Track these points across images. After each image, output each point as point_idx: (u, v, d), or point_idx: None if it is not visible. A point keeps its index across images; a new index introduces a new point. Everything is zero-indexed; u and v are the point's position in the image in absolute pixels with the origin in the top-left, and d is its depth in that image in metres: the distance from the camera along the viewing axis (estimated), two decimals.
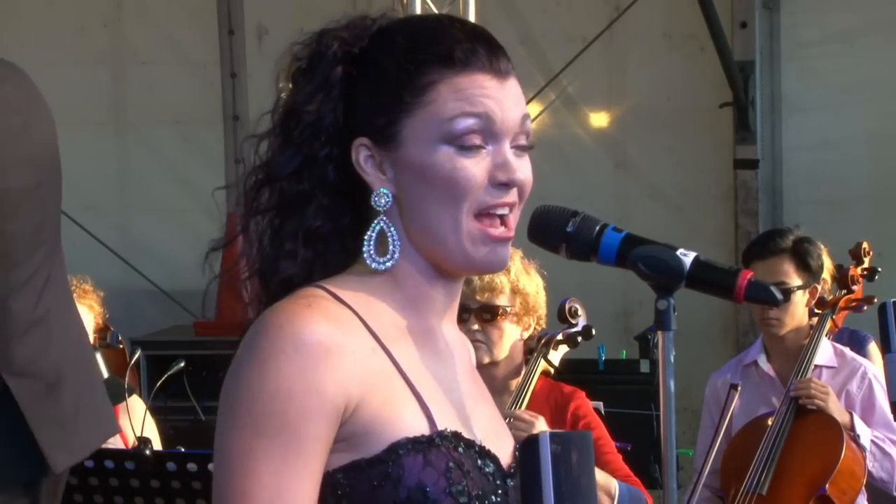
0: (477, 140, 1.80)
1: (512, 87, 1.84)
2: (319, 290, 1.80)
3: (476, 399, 1.91)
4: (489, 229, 1.81)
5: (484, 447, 1.81)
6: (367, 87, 1.83)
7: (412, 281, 1.84)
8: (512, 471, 1.85)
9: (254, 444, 1.69)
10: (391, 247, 1.82)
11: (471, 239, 1.81)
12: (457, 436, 1.78)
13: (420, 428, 1.76)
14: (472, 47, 1.82)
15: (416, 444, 1.74)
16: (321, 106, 1.83)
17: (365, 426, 1.74)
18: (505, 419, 2.13)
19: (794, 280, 4.66)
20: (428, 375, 1.82)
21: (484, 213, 1.81)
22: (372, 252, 1.81)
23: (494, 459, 1.82)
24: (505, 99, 1.82)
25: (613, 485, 3.69)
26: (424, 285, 1.85)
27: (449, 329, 1.92)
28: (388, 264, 1.82)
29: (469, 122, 1.80)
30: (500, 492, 1.80)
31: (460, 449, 1.77)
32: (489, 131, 1.81)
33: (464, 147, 1.80)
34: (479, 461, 1.79)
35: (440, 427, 1.77)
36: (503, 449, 1.88)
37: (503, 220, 1.83)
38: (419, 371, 1.81)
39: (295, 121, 1.84)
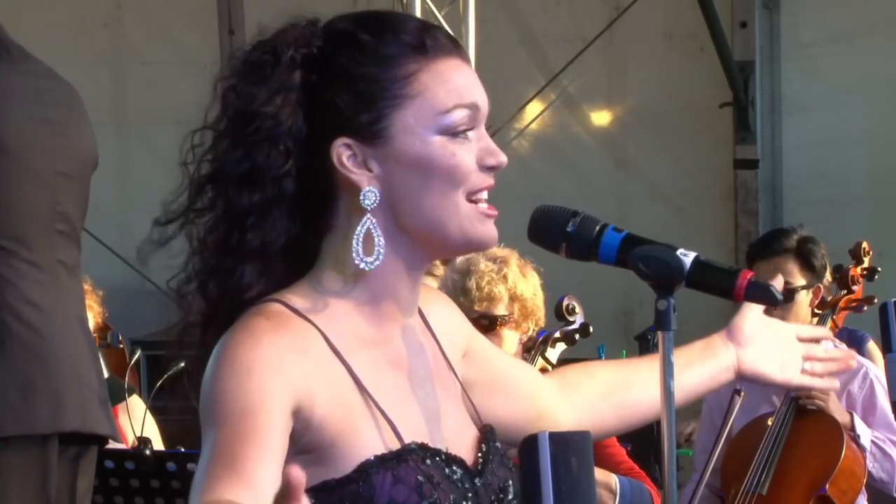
0: (465, 128, 1.82)
1: (474, 72, 1.88)
2: (276, 304, 1.78)
3: (440, 398, 1.90)
4: (483, 208, 1.83)
5: (450, 454, 1.81)
6: (340, 87, 1.81)
7: (380, 278, 1.82)
8: (479, 467, 1.86)
9: (220, 419, 1.70)
10: (376, 245, 1.80)
11: (468, 218, 1.81)
12: (423, 448, 1.78)
13: (386, 444, 1.76)
14: (434, 34, 1.84)
15: (383, 461, 1.74)
16: (280, 109, 1.80)
17: (330, 439, 1.74)
18: None
19: (798, 280, 4.66)
20: (390, 385, 1.81)
21: (474, 197, 1.83)
22: (360, 252, 1.80)
23: (461, 463, 1.82)
24: (479, 85, 1.86)
25: (613, 480, 3.68)
26: (393, 281, 1.83)
27: (413, 324, 1.91)
28: (377, 263, 1.80)
29: (464, 113, 1.81)
30: (469, 495, 1.81)
31: (428, 461, 1.77)
32: (474, 119, 1.83)
33: (456, 135, 1.81)
34: (446, 469, 1.79)
35: (406, 440, 1.76)
36: (468, 444, 1.88)
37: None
38: (380, 382, 1.80)
39: (248, 120, 1.80)
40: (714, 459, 4.22)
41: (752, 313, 2.20)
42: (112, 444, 4.04)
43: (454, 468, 1.80)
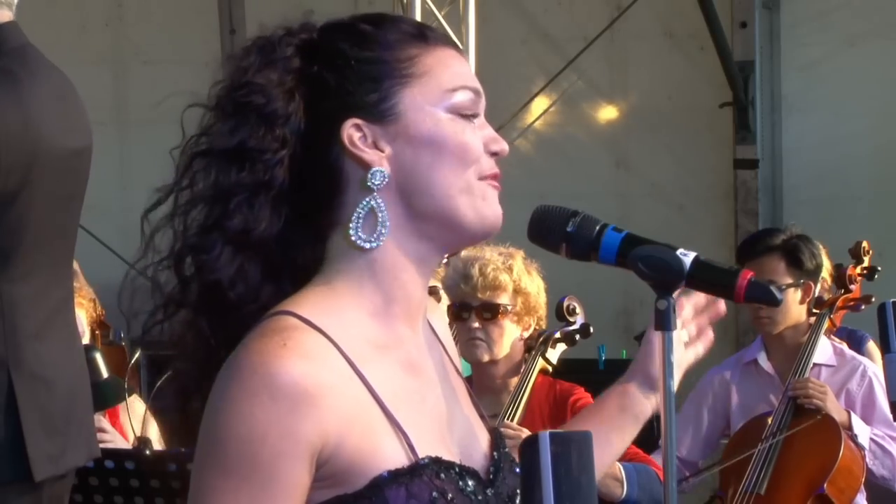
0: (470, 112, 1.83)
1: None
2: (292, 318, 1.73)
3: (452, 401, 1.89)
4: (493, 186, 1.83)
5: (464, 466, 1.80)
6: (344, 70, 1.80)
7: (392, 274, 1.80)
8: (491, 477, 1.85)
9: (224, 484, 1.67)
10: (379, 226, 1.78)
11: (482, 195, 1.81)
12: (437, 462, 1.76)
13: (400, 458, 1.73)
14: (430, 28, 1.87)
15: (397, 476, 1.72)
16: (274, 87, 1.78)
17: (347, 463, 1.71)
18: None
19: (785, 278, 4.66)
20: (402, 393, 1.79)
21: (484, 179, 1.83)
22: (359, 231, 1.78)
23: (473, 475, 1.81)
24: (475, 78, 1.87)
25: (617, 467, 3.69)
26: (404, 278, 1.81)
27: (421, 326, 1.89)
28: (376, 243, 1.78)
29: (469, 96, 1.83)
30: None
31: (442, 475, 1.75)
32: (477, 104, 1.84)
33: (463, 116, 1.82)
34: (459, 482, 1.77)
35: (420, 454, 1.75)
36: (480, 451, 1.88)
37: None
38: (394, 391, 1.77)
39: (238, 90, 1.79)
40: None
41: (681, 310, 2.13)
42: (112, 444, 4.05)
43: (467, 481, 1.79)
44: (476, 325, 3.96)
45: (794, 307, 4.70)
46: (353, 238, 1.78)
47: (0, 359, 2.92)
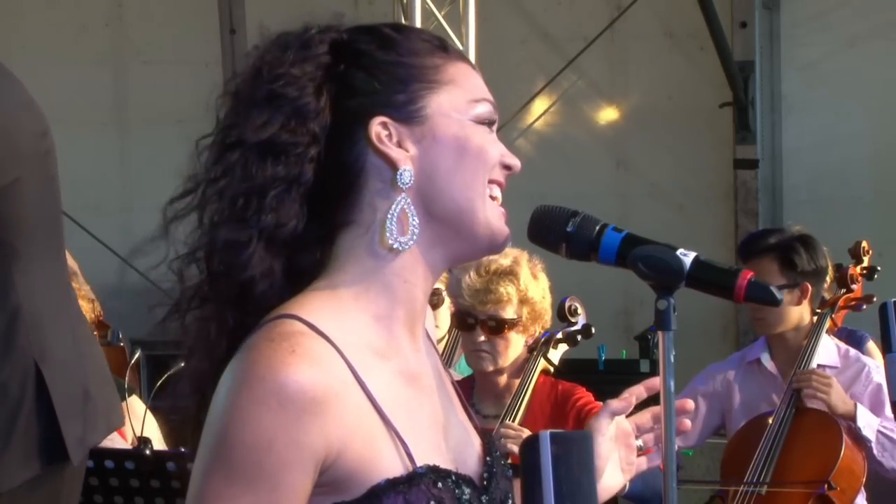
0: (489, 122, 1.86)
1: None
2: (298, 323, 1.72)
3: (447, 408, 1.89)
4: (499, 207, 1.85)
5: (460, 474, 1.80)
6: (373, 69, 1.82)
7: (401, 275, 1.81)
8: (486, 483, 1.86)
9: (227, 490, 1.67)
10: (411, 225, 1.79)
11: (493, 211, 1.83)
12: (434, 470, 1.76)
13: (398, 467, 1.74)
14: (448, 43, 1.89)
15: (395, 484, 1.72)
16: (307, 82, 1.79)
17: (347, 470, 1.71)
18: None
19: (777, 280, 4.62)
20: (401, 402, 1.79)
21: (492, 193, 1.84)
22: (394, 231, 1.79)
23: (469, 482, 1.81)
24: None
25: None
26: (412, 278, 1.82)
27: (420, 332, 1.89)
28: (410, 243, 1.79)
29: (489, 108, 1.85)
30: None
31: (439, 484, 1.76)
32: (493, 120, 1.87)
33: (484, 126, 1.85)
34: (456, 491, 1.78)
35: (418, 463, 1.75)
36: (473, 457, 1.89)
37: None
38: (392, 399, 1.77)
39: (278, 83, 1.79)
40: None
41: (603, 438, 2.05)
42: (112, 444, 4.05)
43: (464, 489, 1.79)
44: (482, 338, 3.94)
45: (788, 309, 4.66)
46: (388, 240, 1.78)
47: (26, 350, 2.95)
